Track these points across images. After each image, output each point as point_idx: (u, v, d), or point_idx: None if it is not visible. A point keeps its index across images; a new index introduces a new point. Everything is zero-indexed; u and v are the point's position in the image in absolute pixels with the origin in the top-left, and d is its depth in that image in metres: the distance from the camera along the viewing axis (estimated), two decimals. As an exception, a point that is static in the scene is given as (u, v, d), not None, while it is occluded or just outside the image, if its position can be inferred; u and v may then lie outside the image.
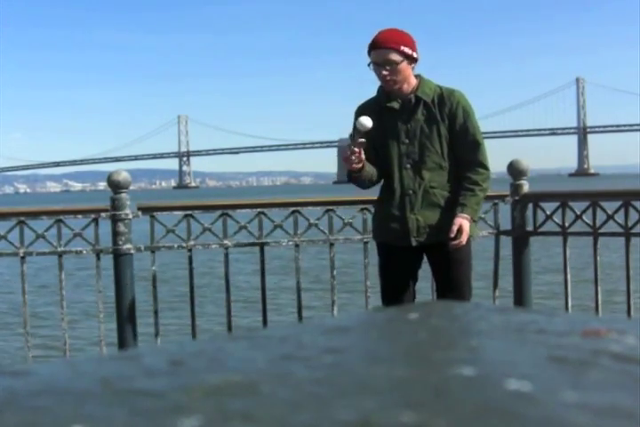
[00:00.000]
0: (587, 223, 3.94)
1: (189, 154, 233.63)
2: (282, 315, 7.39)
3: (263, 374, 0.47)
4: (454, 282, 3.39)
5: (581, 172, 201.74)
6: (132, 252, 3.91)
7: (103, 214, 3.91)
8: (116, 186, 3.88)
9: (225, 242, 3.99)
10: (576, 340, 0.55)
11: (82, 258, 4.83)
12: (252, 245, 4.05)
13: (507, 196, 4.12)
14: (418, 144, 3.31)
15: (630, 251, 3.92)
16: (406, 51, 3.25)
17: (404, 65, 3.26)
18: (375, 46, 3.26)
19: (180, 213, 4.01)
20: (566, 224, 4.02)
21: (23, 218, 3.88)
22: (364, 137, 3.12)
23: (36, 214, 3.94)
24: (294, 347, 0.53)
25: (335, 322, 0.64)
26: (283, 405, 0.41)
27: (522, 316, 0.65)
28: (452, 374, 0.46)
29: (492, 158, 3.40)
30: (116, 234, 3.88)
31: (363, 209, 4.01)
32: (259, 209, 3.98)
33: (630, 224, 3.80)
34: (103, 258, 4.00)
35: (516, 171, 4.12)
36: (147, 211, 3.98)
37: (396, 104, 3.33)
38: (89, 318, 7.51)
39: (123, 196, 3.90)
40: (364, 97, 3.43)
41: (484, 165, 3.36)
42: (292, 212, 4.02)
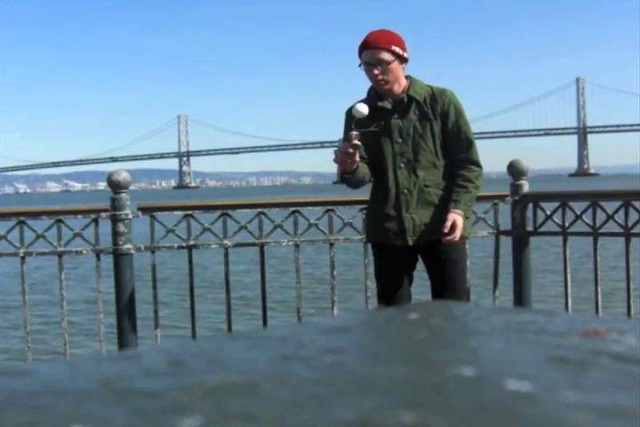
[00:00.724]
0: (587, 223, 3.94)
1: (189, 154, 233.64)
2: (282, 315, 7.39)
3: (263, 374, 0.47)
4: (449, 281, 3.39)
5: (581, 172, 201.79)
6: (132, 252, 3.92)
7: (103, 214, 3.91)
8: (116, 186, 3.88)
9: (225, 242, 3.99)
10: (576, 340, 0.55)
11: (82, 258, 4.83)
12: (252, 245, 4.05)
13: (507, 196, 4.12)
14: (411, 143, 3.30)
15: (630, 251, 3.93)
16: (397, 50, 3.26)
17: (395, 64, 3.26)
18: (366, 47, 3.27)
19: (180, 213, 4.01)
20: (566, 224, 4.02)
21: (23, 218, 3.88)
22: (360, 126, 3.10)
23: (36, 214, 3.94)
24: (294, 347, 0.53)
25: (335, 322, 0.64)
26: (283, 405, 0.41)
27: (522, 316, 0.65)
28: (451, 374, 0.46)
29: (492, 158, 3.43)
30: (115, 234, 3.88)
31: (363, 209, 4.00)
32: (259, 209, 3.98)
33: (630, 224, 3.80)
34: (103, 258, 4.01)
35: (516, 171, 4.12)
36: (147, 211, 3.98)
37: (387, 104, 3.33)
38: (89, 319, 7.50)
39: (123, 196, 3.90)
40: (364, 97, 3.43)
41: (476, 162, 3.36)
42: (292, 212, 4.02)
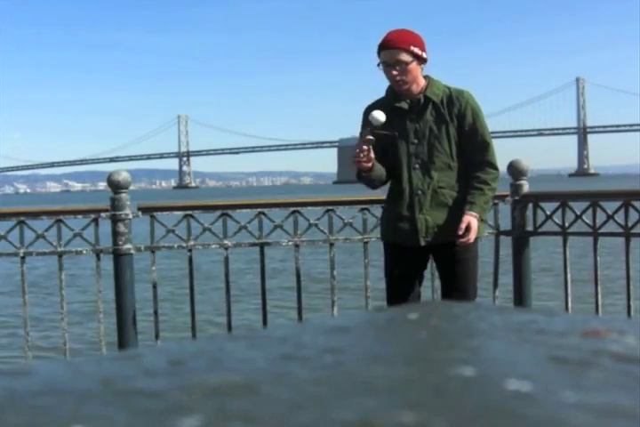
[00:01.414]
0: (587, 223, 3.93)
1: (189, 154, 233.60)
2: (282, 315, 7.38)
3: (263, 374, 0.47)
4: (460, 282, 3.39)
5: (581, 172, 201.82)
6: (132, 252, 3.91)
7: (103, 214, 3.91)
8: (115, 186, 3.88)
9: (225, 242, 3.99)
10: (576, 340, 0.55)
11: (82, 258, 4.83)
12: (252, 245, 4.05)
13: (507, 196, 4.12)
14: (427, 144, 3.31)
15: (630, 251, 3.92)
16: (416, 51, 3.25)
17: (413, 65, 3.26)
18: (385, 46, 3.26)
19: (180, 213, 4.01)
20: (566, 224, 4.02)
21: (23, 218, 3.88)
22: (376, 133, 3.11)
23: (36, 214, 3.94)
24: (294, 347, 0.53)
25: (335, 322, 0.64)
26: (283, 405, 0.41)
27: (522, 316, 0.65)
28: (452, 374, 0.46)
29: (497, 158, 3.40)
30: (116, 234, 3.88)
31: (363, 209, 4.00)
32: (259, 209, 3.98)
33: (630, 224, 3.79)
34: (103, 258, 4.00)
35: (516, 171, 4.12)
36: (147, 211, 3.98)
37: (404, 104, 3.33)
38: (89, 318, 7.50)
39: (123, 196, 3.90)
40: (364, 97, 3.44)
41: (493, 165, 3.37)
42: (292, 212, 4.02)
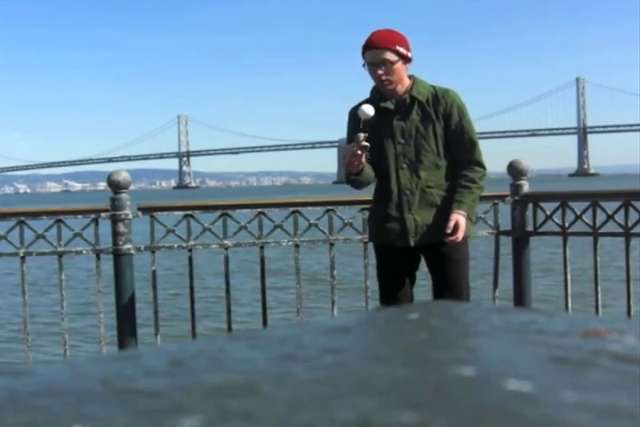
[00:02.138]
0: (587, 223, 3.93)
1: (189, 154, 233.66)
2: (282, 315, 7.38)
3: (263, 374, 0.47)
4: (451, 281, 3.38)
5: (581, 172, 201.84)
6: (132, 252, 3.92)
7: (103, 214, 3.91)
8: (115, 186, 3.88)
9: (225, 242, 3.99)
10: (576, 340, 0.55)
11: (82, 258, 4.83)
12: (252, 245, 4.05)
13: (507, 196, 4.12)
14: (414, 144, 3.30)
15: (630, 251, 3.93)
16: (401, 50, 3.25)
17: (399, 65, 3.25)
18: (370, 46, 3.25)
19: (180, 213, 4.01)
20: (566, 224, 4.02)
21: (23, 218, 3.88)
22: (366, 129, 3.10)
23: (35, 214, 3.94)
24: (294, 347, 0.53)
25: (335, 322, 0.64)
26: (283, 405, 0.41)
27: (522, 316, 0.65)
28: (451, 374, 0.46)
29: (492, 158, 3.42)
30: (116, 234, 3.88)
31: (363, 209, 4.01)
32: (259, 209, 3.98)
33: (630, 224, 3.80)
34: (103, 258, 4.00)
35: (516, 171, 4.12)
36: (147, 211, 3.98)
37: (390, 104, 3.32)
38: (89, 319, 7.50)
39: (123, 196, 3.90)
40: (364, 97, 3.43)
41: (480, 163, 3.36)
42: (292, 212, 4.02)
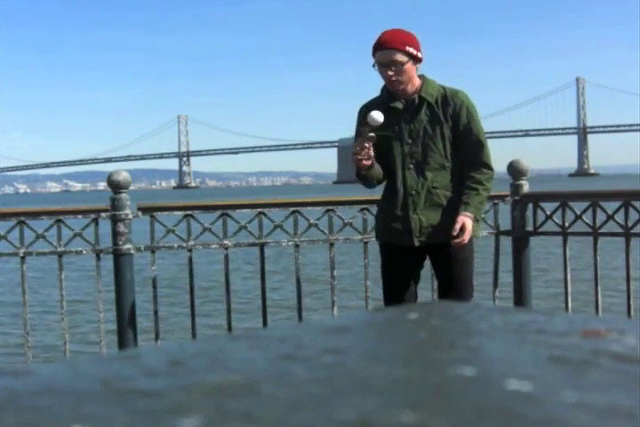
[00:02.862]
0: (587, 223, 3.93)
1: (189, 154, 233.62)
2: (282, 315, 7.38)
3: (263, 374, 0.47)
4: (456, 281, 3.39)
5: (581, 172, 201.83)
6: (132, 252, 3.91)
7: (103, 214, 3.91)
8: (115, 186, 3.88)
9: (225, 242, 3.99)
10: (576, 340, 0.55)
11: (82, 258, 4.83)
12: (252, 245, 4.05)
13: (507, 196, 4.12)
14: (421, 144, 3.30)
15: (630, 251, 3.92)
16: (411, 51, 3.24)
17: (409, 65, 3.25)
18: (380, 47, 3.25)
19: (180, 213, 4.01)
20: (566, 224, 4.02)
21: (23, 218, 3.88)
22: (374, 132, 3.10)
23: (36, 214, 3.94)
24: (294, 347, 0.53)
25: (335, 322, 0.64)
26: (283, 405, 0.41)
27: (522, 316, 0.65)
28: (452, 374, 0.46)
29: (492, 158, 3.40)
30: (115, 234, 3.88)
31: (363, 209, 4.00)
32: (259, 209, 3.98)
33: (630, 224, 3.79)
34: (103, 258, 4.00)
35: (515, 171, 4.12)
36: (147, 211, 3.98)
37: (399, 104, 3.32)
38: (89, 318, 7.50)
39: (123, 196, 3.90)
40: (364, 97, 3.44)
41: (487, 165, 3.36)
42: (292, 212, 4.02)
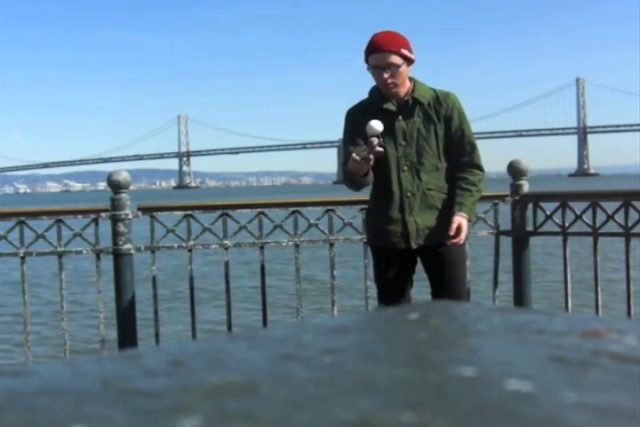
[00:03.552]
0: (587, 223, 3.93)
1: (189, 154, 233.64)
2: (281, 315, 7.38)
3: (263, 374, 0.47)
4: (449, 283, 3.38)
5: (581, 172, 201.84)
6: (132, 252, 3.91)
7: (103, 214, 3.91)
8: (115, 186, 3.88)
9: (225, 242, 3.99)
10: (576, 340, 0.55)
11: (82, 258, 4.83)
12: (252, 245, 4.05)
13: (507, 196, 4.12)
14: (415, 146, 3.29)
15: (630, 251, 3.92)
16: (405, 53, 3.24)
17: (403, 67, 3.25)
18: (375, 50, 3.23)
19: (180, 213, 4.01)
20: (566, 224, 4.02)
21: (23, 218, 3.88)
22: (370, 139, 3.09)
23: (36, 214, 3.94)
24: (294, 347, 0.53)
25: (335, 322, 0.64)
26: (283, 405, 0.41)
27: (522, 316, 0.65)
28: (452, 374, 0.46)
29: (492, 158, 3.43)
30: (116, 234, 3.88)
31: (363, 209, 4.00)
32: (259, 209, 3.98)
33: (630, 224, 3.80)
34: (103, 258, 4.00)
35: (515, 171, 4.12)
36: (147, 211, 3.98)
37: (392, 106, 3.31)
38: (89, 318, 7.50)
39: (123, 196, 3.90)
40: (364, 97, 3.42)
41: (479, 166, 3.37)
42: (292, 212, 4.02)
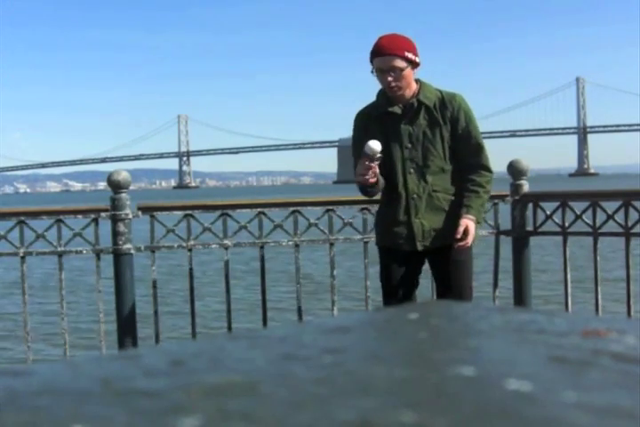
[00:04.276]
0: (587, 223, 3.93)
1: (189, 154, 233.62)
2: (281, 315, 7.38)
3: (263, 374, 0.47)
4: (455, 284, 3.39)
5: (581, 172, 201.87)
6: (132, 252, 3.91)
7: (103, 214, 3.91)
8: (116, 186, 3.88)
9: (225, 242, 3.99)
10: (576, 340, 0.55)
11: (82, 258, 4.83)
12: (252, 245, 4.05)
13: (507, 196, 4.12)
14: (421, 148, 3.30)
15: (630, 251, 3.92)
16: (410, 56, 3.24)
17: (408, 71, 3.25)
18: (379, 53, 3.23)
19: (180, 213, 4.01)
20: (566, 224, 4.02)
21: (23, 218, 3.88)
22: (372, 159, 3.11)
23: (36, 214, 3.94)
24: (294, 347, 0.53)
25: (335, 322, 0.64)
26: (283, 405, 0.41)
27: (522, 316, 0.65)
28: (452, 374, 0.46)
29: (492, 158, 3.40)
30: (116, 234, 3.88)
31: (363, 209, 4.00)
32: (259, 209, 3.98)
33: (630, 224, 3.80)
34: (103, 258, 4.00)
35: (515, 171, 4.12)
36: (147, 211, 3.98)
37: (397, 109, 3.32)
38: (89, 319, 7.50)
39: (123, 196, 3.90)
40: (364, 97, 3.43)
41: (487, 167, 3.37)
42: (292, 212, 4.02)
